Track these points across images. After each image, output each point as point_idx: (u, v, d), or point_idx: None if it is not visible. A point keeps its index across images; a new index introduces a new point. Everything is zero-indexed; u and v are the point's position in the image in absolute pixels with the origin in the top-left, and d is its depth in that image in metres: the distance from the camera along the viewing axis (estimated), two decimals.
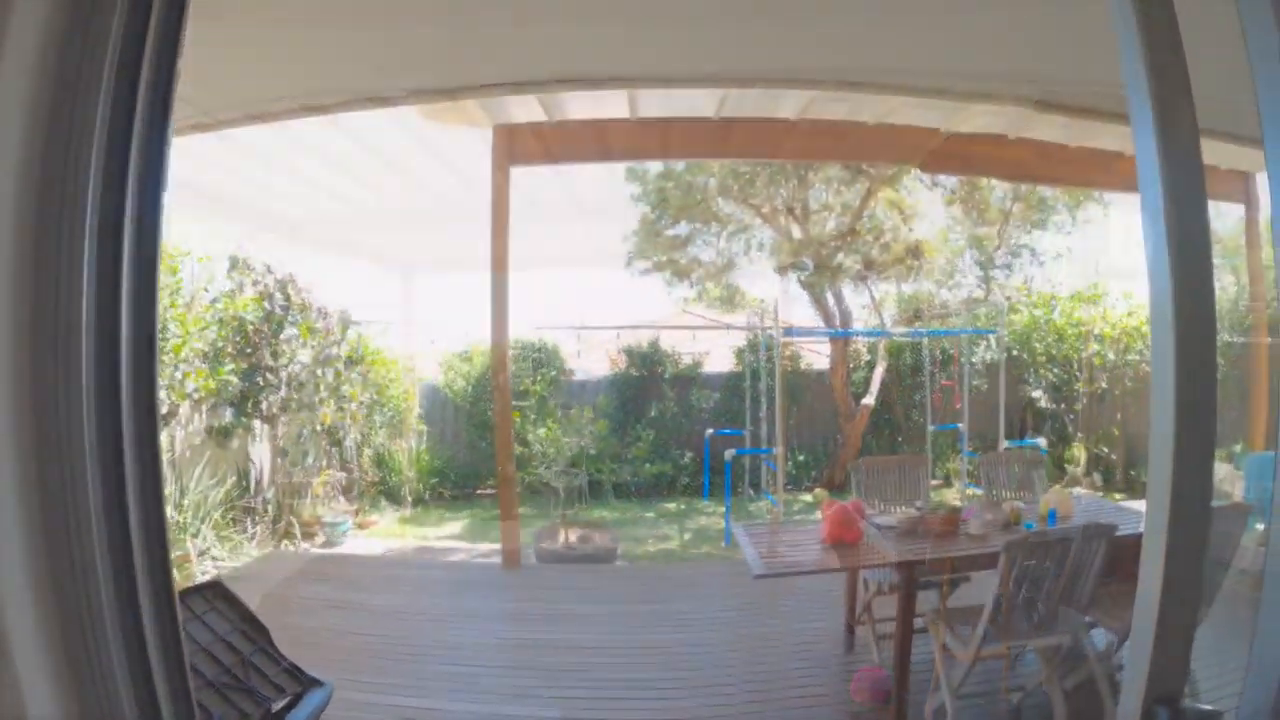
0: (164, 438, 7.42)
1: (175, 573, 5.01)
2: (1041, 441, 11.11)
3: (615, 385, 13.48)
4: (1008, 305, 12.28)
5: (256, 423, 8.45)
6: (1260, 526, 6.33)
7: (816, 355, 15.12)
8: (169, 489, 7.27)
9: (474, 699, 4.63)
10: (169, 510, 6.89)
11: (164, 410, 6.96)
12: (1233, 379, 10.42)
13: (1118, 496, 10.88)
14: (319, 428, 9.03)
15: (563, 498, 8.46)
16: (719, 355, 14.33)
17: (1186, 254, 1.28)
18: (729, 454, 9.84)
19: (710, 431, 11.86)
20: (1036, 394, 12.71)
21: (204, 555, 7.04)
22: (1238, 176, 8.86)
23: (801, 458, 13.26)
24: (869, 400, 12.75)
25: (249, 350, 8.00)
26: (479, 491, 12.74)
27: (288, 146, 6.97)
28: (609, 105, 7.04)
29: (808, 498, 12.20)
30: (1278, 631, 1.36)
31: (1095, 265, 14.20)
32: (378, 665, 5.05)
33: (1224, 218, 10.94)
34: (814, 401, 13.95)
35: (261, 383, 8.01)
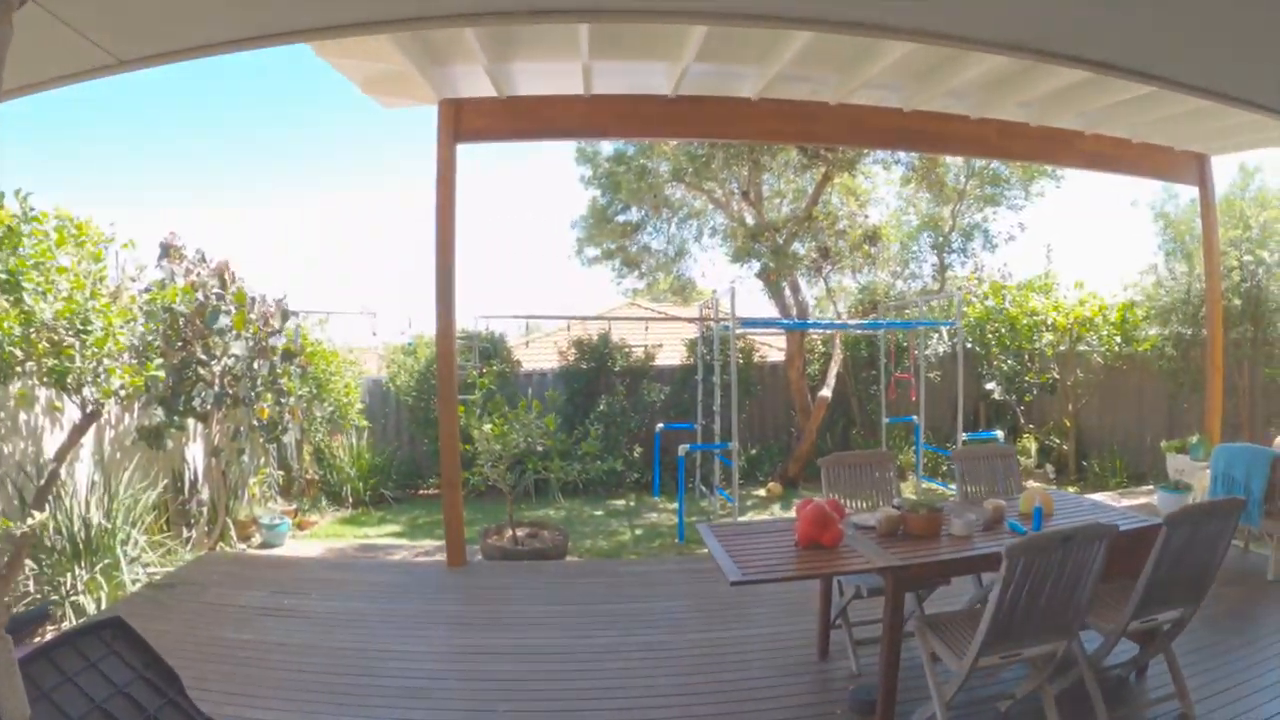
0: (89, 438, 6.95)
1: (103, 587, 4.53)
2: (1000, 434, 11.00)
3: (564, 378, 13.12)
4: (962, 295, 12.16)
5: (190, 421, 7.96)
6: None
7: (771, 348, 14.95)
8: (97, 492, 6.79)
9: (424, 716, 4.27)
10: (96, 515, 6.44)
11: (88, 409, 6.52)
12: (1183, 370, 10.44)
13: (1071, 488, 10.82)
14: (255, 424, 8.55)
15: (509, 498, 8.08)
16: (670, 348, 14.07)
17: None
18: (682, 449, 9.57)
19: (660, 426, 11.60)
20: (990, 386, 12.64)
21: (134, 562, 6.57)
22: (1191, 158, 8.80)
23: (754, 452, 13.07)
24: (825, 393, 12.57)
25: (180, 344, 7.52)
26: (421, 492, 12.38)
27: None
28: (562, 81, 6.70)
29: (761, 492, 12.00)
30: None
31: (1047, 250, 14.25)
32: (317, 680, 4.67)
33: (1176, 200, 10.96)
34: (767, 395, 13.79)
35: (194, 378, 7.54)
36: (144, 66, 2.94)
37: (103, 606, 5.92)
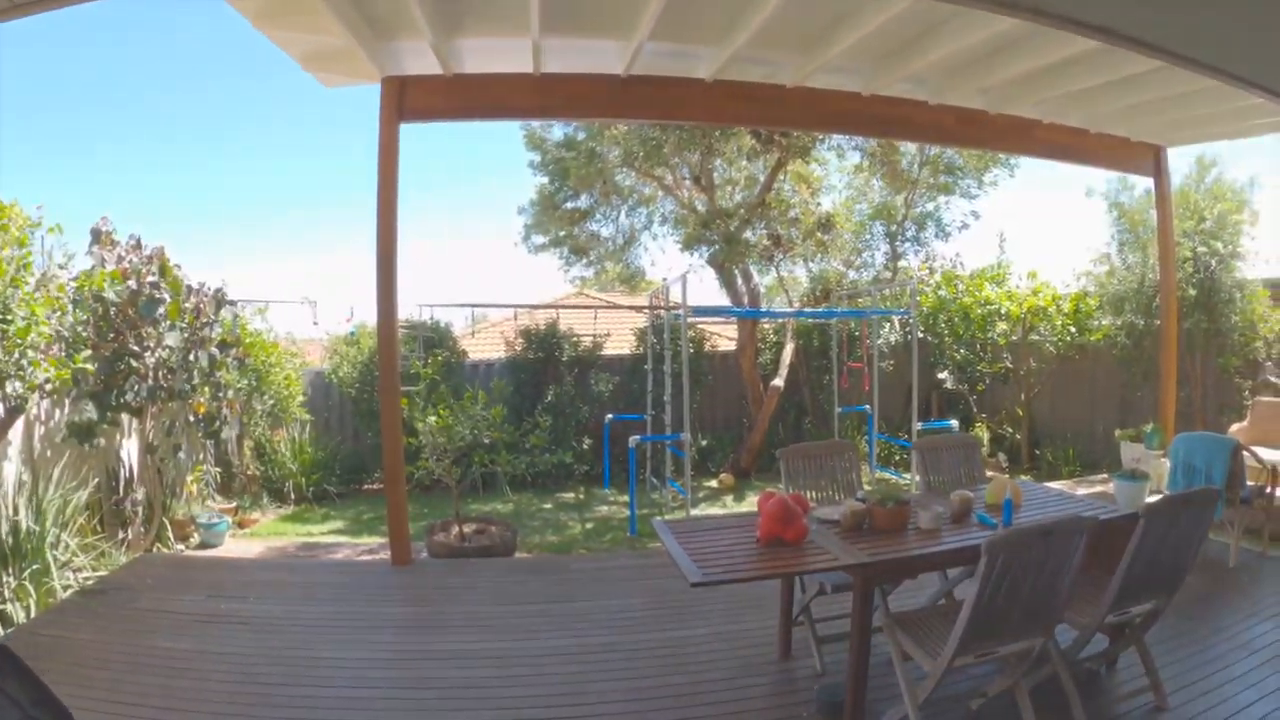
0: (17, 435, 6.55)
1: (32, 594, 4.14)
2: (954, 424, 10.96)
3: (511, 369, 12.83)
4: (915, 285, 12.11)
5: (123, 416, 7.56)
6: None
7: (721, 338, 14.81)
8: (25, 493, 6.36)
9: None
10: (24, 517, 6.03)
11: (12, 404, 6.16)
12: (1136, 359, 10.47)
13: (1024, 476, 10.82)
14: (192, 419, 8.17)
15: (455, 493, 7.81)
16: (619, 337, 13.85)
17: None
18: (633, 440, 9.36)
19: (609, 417, 11.41)
20: (943, 375, 12.62)
21: (65, 566, 6.20)
22: (1148, 149, 8.77)
23: (706, 442, 12.90)
24: (778, 382, 12.44)
25: (112, 335, 7.14)
26: (366, 487, 11.98)
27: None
28: (512, 59, 6.43)
29: (714, 484, 11.86)
30: None
31: (1000, 239, 14.31)
32: (256, 691, 4.36)
33: (1131, 191, 10.97)
34: (719, 385, 13.63)
35: (126, 370, 7.16)
36: (36, 11, 2.64)
37: (32, 614, 5.56)
